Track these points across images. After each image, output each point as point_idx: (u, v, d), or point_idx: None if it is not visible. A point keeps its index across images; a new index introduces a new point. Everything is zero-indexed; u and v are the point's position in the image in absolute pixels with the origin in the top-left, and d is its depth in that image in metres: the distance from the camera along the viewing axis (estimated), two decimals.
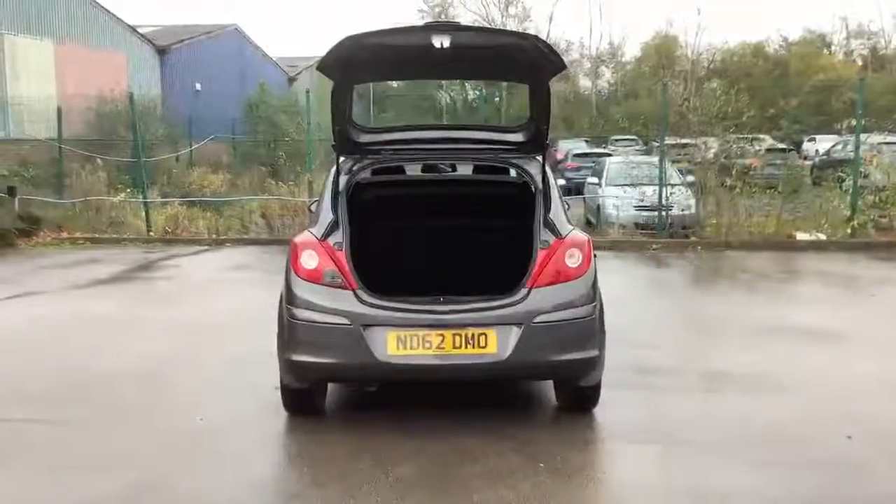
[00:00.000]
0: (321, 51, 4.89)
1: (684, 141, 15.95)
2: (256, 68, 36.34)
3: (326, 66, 4.96)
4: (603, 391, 5.39)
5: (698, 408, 5.66)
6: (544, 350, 4.90)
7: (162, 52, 31.91)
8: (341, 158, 5.48)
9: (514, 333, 4.85)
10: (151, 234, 15.49)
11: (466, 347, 4.83)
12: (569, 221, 5.37)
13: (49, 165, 17.51)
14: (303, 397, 5.32)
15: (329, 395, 5.59)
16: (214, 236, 15.23)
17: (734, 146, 15.00)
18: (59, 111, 17.68)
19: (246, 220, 16.21)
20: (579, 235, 5.23)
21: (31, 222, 15.30)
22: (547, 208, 5.23)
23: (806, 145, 33.14)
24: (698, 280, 11.91)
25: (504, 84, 50.03)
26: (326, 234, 5.07)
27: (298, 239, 5.18)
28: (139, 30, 31.09)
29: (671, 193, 14.67)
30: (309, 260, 5.01)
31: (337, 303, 4.90)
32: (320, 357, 4.91)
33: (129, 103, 16.85)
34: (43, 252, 14.12)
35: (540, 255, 5.03)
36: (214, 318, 8.50)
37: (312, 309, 4.93)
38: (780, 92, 26.10)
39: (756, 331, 7.91)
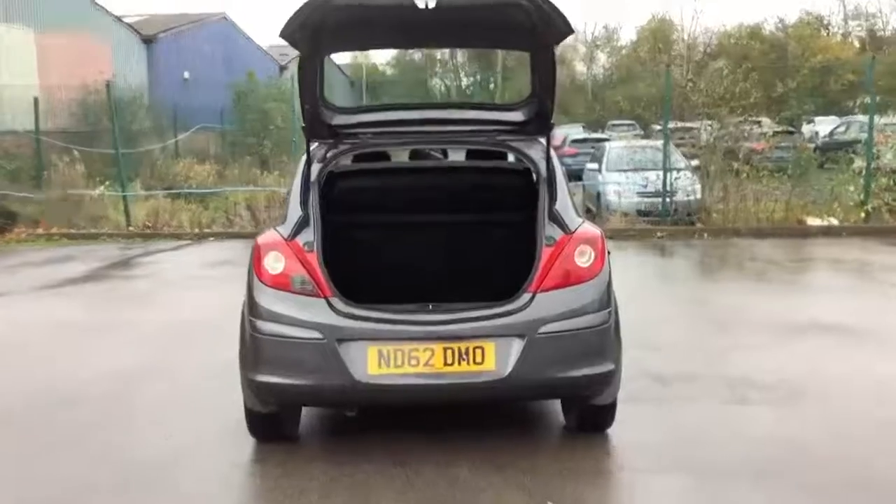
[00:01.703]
0: None
1: (689, 125, 15.35)
2: (246, 57, 35.56)
3: (290, 32, 4.16)
4: (617, 406, 4.69)
5: (723, 424, 4.95)
6: (551, 365, 4.17)
7: (148, 41, 31.13)
8: (312, 144, 4.74)
9: (516, 346, 4.13)
10: (131, 228, 14.86)
11: (460, 364, 4.11)
12: (577, 213, 4.63)
13: (31, 158, 16.86)
14: (271, 423, 4.60)
15: (304, 415, 4.86)
16: (197, 230, 14.57)
17: (741, 128, 14.37)
18: (36, 102, 16.99)
19: (231, 213, 15.51)
20: (591, 230, 4.50)
21: (6, 217, 14.70)
22: (552, 199, 4.48)
23: (805, 127, 32.54)
24: (708, 270, 11.29)
25: (499, 68, 49.46)
26: (295, 233, 4.33)
27: (262, 239, 4.44)
28: (125, 19, 30.30)
29: (675, 178, 14.00)
30: (274, 263, 4.27)
31: (307, 313, 4.17)
32: (288, 378, 4.18)
33: (107, 93, 16.10)
34: (16, 249, 13.52)
35: (545, 253, 4.29)
36: (191, 322, 7.80)
37: (278, 321, 4.20)
38: (778, 74, 25.50)
39: (774, 327, 7.26)
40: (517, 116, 4.96)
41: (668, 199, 13.87)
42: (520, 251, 4.61)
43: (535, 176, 4.68)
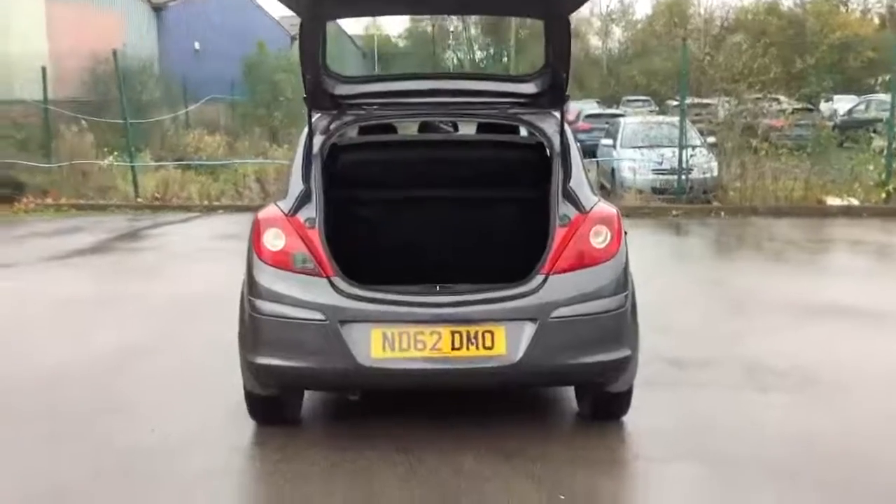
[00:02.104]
0: None
1: (706, 101, 15.06)
2: (257, 28, 35.22)
3: None
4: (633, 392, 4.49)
5: (738, 412, 4.75)
6: (564, 351, 3.98)
7: (158, 9, 30.87)
8: (315, 115, 4.52)
9: (528, 331, 3.94)
10: (140, 200, 14.72)
11: (468, 348, 3.92)
12: (593, 191, 4.41)
13: (40, 128, 16.74)
14: (271, 406, 4.43)
15: (306, 398, 4.69)
16: (206, 202, 14.47)
17: (760, 105, 14.08)
18: (44, 70, 16.79)
19: (240, 185, 15.35)
20: (606, 208, 4.29)
21: (14, 188, 14.60)
22: (566, 175, 4.26)
23: (823, 105, 32.08)
24: (725, 250, 11.06)
25: (512, 42, 48.92)
26: (296, 209, 4.13)
27: (262, 214, 4.24)
28: None
29: (691, 156, 13.73)
30: (274, 240, 4.08)
31: (308, 293, 3.99)
32: (289, 360, 3.99)
33: (114, 62, 15.90)
34: (24, 219, 13.44)
35: (558, 233, 4.08)
36: (196, 296, 7.62)
37: (278, 301, 4.01)
38: (797, 50, 25.04)
39: (791, 310, 7.05)
40: (530, 88, 4.71)
41: (683, 177, 13.61)
42: (532, 230, 4.41)
43: (548, 151, 4.47)
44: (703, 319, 6.79)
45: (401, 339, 3.93)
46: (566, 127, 4.47)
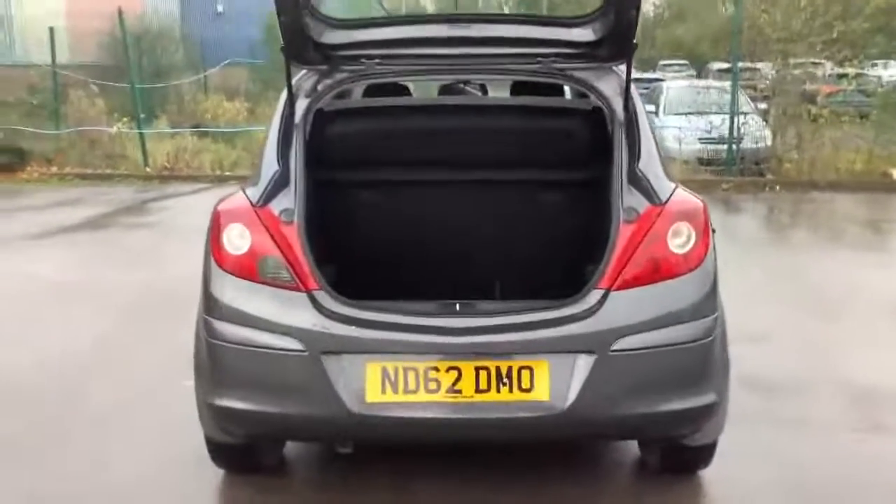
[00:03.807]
0: None
1: (755, 65, 13.93)
2: None
3: None
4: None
5: (863, 466, 3.63)
6: (630, 396, 2.92)
7: None
8: (297, 72, 3.44)
9: (581, 368, 2.88)
10: (148, 169, 14.01)
11: (499, 391, 2.88)
12: (668, 174, 3.31)
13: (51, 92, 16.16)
14: (238, 455, 3.42)
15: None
16: (218, 172, 13.72)
17: (816, 69, 12.97)
18: (52, 31, 16.09)
19: (255, 154, 14.46)
20: (689, 199, 3.18)
21: (15, 155, 14.02)
22: (634, 153, 3.18)
23: (868, 71, 30.65)
24: (788, 231, 10.02)
25: (544, 4, 47.38)
26: (268, 197, 3.08)
27: (223, 205, 3.19)
28: None
29: (743, 123, 12.59)
30: (237, 240, 3.04)
31: (281, 313, 2.95)
32: (256, 403, 2.97)
33: (120, 23, 15.03)
34: (22, 190, 12.71)
35: (623, 232, 3.01)
36: (185, 285, 6.62)
37: (242, 323, 2.97)
38: (842, 12, 23.78)
39: (889, 311, 5.94)
40: (585, 34, 3.48)
41: (734, 147, 12.47)
42: (587, 228, 3.34)
43: (608, 120, 3.36)
44: (781, 324, 5.64)
45: (407, 376, 2.89)
46: (633, 88, 3.32)
